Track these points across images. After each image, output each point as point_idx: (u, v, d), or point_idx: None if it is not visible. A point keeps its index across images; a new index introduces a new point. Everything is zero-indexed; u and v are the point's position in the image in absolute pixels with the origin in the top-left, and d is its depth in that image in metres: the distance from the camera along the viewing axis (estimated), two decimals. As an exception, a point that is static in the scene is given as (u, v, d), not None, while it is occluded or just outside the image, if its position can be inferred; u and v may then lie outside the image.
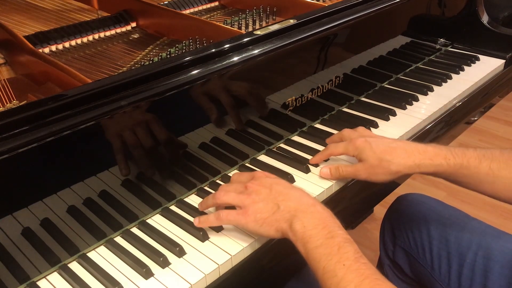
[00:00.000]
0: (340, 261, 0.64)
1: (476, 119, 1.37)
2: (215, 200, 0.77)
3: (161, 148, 0.82)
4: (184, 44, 1.07)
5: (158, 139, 0.81)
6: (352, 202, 0.93)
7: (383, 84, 1.27)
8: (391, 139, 0.88)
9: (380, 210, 1.87)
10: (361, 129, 0.95)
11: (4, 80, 0.93)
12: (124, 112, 0.74)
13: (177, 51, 1.05)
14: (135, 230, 0.81)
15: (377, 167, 0.84)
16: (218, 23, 1.11)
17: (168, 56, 1.04)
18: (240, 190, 0.76)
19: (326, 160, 0.96)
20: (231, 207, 0.77)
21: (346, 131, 0.94)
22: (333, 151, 0.92)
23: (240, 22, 1.17)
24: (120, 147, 0.76)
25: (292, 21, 0.98)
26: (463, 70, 1.34)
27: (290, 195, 0.73)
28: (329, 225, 0.69)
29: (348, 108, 1.16)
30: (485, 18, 1.47)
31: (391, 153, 0.83)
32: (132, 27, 1.19)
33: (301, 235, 0.68)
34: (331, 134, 1.01)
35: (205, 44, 1.06)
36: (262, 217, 0.72)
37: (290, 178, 0.90)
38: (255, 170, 0.94)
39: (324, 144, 1.00)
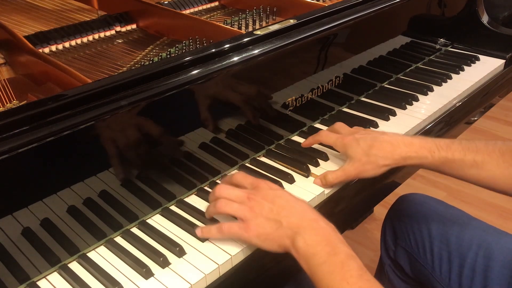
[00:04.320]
0: (343, 279, 0.63)
1: (476, 119, 1.37)
2: (217, 209, 0.76)
3: (161, 148, 0.82)
4: (184, 44, 1.07)
5: (158, 139, 0.81)
6: (352, 202, 0.93)
7: (383, 84, 1.27)
8: (379, 133, 0.90)
9: (380, 210, 1.88)
10: (357, 128, 0.95)
11: (4, 80, 0.93)
12: (124, 112, 0.74)
13: (177, 51, 1.05)
14: (135, 230, 0.81)
15: (366, 163, 0.85)
16: (218, 23, 1.11)
17: (168, 56, 1.04)
18: (242, 200, 0.74)
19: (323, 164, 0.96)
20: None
21: (338, 124, 0.96)
22: (323, 139, 0.94)
23: (240, 22, 1.17)
24: (120, 147, 0.76)
25: (292, 21, 0.98)
26: (463, 70, 1.34)
27: (293, 210, 0.72)
28: (332, 241, 0.67)
29: (348, 108, 1.16)
30: (485, 18, 1.47)
31: (378, 148, 0.85)
32: (132, 27, 1.19)
33: (303, 253, 0.67)
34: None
35: (205, 44, 1.06)
36: (264, 233, 0.71)
37: (290, 178, 0.90)
38: (255, 170, 0.94)
39: (324, 144, 1.00)
